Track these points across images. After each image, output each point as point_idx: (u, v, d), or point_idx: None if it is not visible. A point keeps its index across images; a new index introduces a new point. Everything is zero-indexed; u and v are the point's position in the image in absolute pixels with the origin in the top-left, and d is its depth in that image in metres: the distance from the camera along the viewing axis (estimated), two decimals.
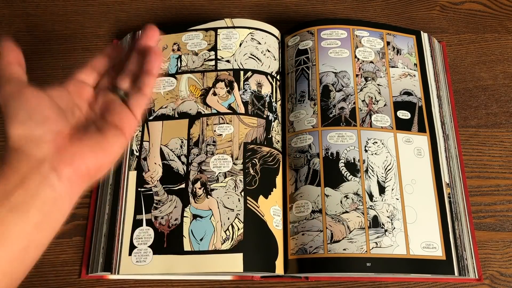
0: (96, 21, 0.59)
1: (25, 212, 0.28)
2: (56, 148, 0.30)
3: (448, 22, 0.60)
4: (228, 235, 0.44)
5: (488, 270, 0.47)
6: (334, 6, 0.61)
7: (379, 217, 0.45)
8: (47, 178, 0.29)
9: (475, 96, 0.56)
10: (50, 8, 0.60)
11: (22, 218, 0.28)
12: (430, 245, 0.45)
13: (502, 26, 0.60)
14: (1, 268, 0.26)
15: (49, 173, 0.29)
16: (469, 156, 0.52)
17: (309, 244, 0.45)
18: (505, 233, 0.49)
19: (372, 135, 0.49)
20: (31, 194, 0.28)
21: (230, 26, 0.53)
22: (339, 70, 0.52)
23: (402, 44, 0.55)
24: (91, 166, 0.31)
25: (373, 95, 0.51)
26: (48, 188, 0.29)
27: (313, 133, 0.49)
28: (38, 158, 0.29)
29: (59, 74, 0.56)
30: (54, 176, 0.29)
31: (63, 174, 0.30)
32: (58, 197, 0.29)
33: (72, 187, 0.30)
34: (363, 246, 0.44)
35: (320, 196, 0.46)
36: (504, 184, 0.51)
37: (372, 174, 0.47)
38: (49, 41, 0.58)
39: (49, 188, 0.29)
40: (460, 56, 0.58)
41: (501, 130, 0.54)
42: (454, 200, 0.48)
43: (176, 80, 0.51)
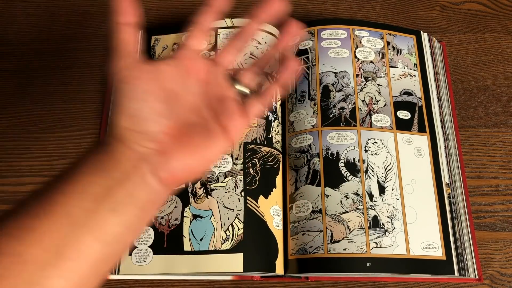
0: (96, 21, 0.59)
1: (123, 213, 0.26)
2: (159, 148, 0.28)
3: (448, 22, 0.60)
4: (228, 235, 0.44)
5: (488, 270, 0.47)
6: (334, 6, 0.61)
7: (379, 217, 0.45)
8: (145, 178, 0.27)
9: (475, 96, 0.56)
10: (50, 8, 0.60)
11: (120, 219, 0.26)
12: (430, 245, 0.45)
13: (502, 26, 0.60)
14: (92, 268, 0.25)
15: (148, 174, 0.27)
16: (469, 156, 0.52)
17: (309, 244, 0.45)
18: (505, 233, 0.49)
19: (372, 135, 0.49)
20: (129, 194, 0.26)
21: (230, 26, 0.53)
22: (339, 70, 0.52)
23: (402, 44, 0.55)
24: (187, 169, 0.28)
25: (373, 95, 0.51)
26: (145, 189, 0.27)
27: (313, 133, 0.49)
28: (140, 155, 0.27)
29: (59, 74, 0.56)
30: (151, 177, 0.27)
31: (160, 175, 0.27)
32: (152, 199, 0.27)
33: (165, 189, 0.28)
34: (363, 246, 0.44)
35: (320, 196, 0.46)
36: (504, 184, 0.51)
37: (372, 174, 0.47)
38: (49, 41, 0.58)
39: (146, 189, 0.27)
40: (460, 56, 0.58)
41: (501, 130, 0.54)
42: (454, 200, 0.48)
43: None
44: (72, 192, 0.25)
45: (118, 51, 0.28)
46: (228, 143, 0.30)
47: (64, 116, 0.54)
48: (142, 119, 0.27)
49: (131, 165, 0.27)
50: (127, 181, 0.26)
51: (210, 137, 0.29)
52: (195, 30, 0.32)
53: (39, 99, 0.54)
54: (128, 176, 0.26)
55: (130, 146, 0.27)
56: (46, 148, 0.52)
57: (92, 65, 0.56)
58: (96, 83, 0.55)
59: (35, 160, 0.51)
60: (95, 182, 0.26)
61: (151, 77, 0.28)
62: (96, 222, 0.25)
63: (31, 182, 0.50)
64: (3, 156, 0.52)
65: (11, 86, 0.55)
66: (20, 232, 0.24)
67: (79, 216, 0.25)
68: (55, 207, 0.25)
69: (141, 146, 0.27)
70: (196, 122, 0.30)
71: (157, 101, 0.28)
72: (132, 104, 0.27)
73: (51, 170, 0.51)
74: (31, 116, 0.54)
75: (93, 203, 0.25)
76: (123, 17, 0.29)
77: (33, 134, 0.53)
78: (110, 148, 0.27)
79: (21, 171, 0.51)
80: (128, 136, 0.27)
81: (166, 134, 0.28)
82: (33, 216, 0.24)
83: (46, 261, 0.23)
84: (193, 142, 0.29)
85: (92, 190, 0.26)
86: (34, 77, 0.56)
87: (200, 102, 0.30)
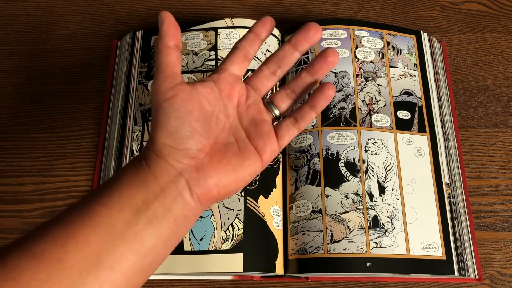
0: (96, 21, 0.59)
1: (159, 227, 0.27)
2: (195, 165, 0.29)
3: (448, 22, 0.60)
4: (228, 235, 0.44)
5: (488, 270, 0.47)
6: (334, 6, 0.61)
7: (379, 217, 0.45)
8: (182, 194, 0.28)
9: (475, 96, 0.56)
10: (50, 8, 0.60)
11: (156, 232, 0.27)
12: (430, 245, 0.45)
13: (502, 26, 0.60)
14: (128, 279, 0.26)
15: (184, 189, 0.28)
16: (469, 156, 0.52)
17: (309, 244, 0.45)
18: (505, 233, 0.49)
19: (372, 135, 0.49)
20: (167, 209, 0.27)
21: (230, 26, 0.53)
22: (339, 70, 0.52)
23: (402, 44, 0.55)
24: (221, 187, 0.29)
25: (373, 95, 0.51)
26: (181, 204, 0.28)
27: (313, 133, 0.49)
28: (178, 171, 0.28)
29: (59, 74, 0.56)
30: (187, 193, 0.28)
31: (195, 192, 0.28)
32: (186, 214, 0.28)
33: (199, 207, 0.29)
34: (363, 246, 0.44)
35: (320, 196, 0.46)
36: (504, 184, 0.51)
37: (372, 174, 0.47)
38: (49, 41, 0.58)
39: (182, 204, 0.28)
40: (460, 56, 0.58)
41: (501, 130, 0.54)
42: (454, 200, 0.48)
43: None
44: (112, 204, 0.26)
45: (163, 72, 0.30)
46: (260, 167, 0.31)
47: (64, 116, 0.54)
48: (182, 137, 0.29)
49: (169, 180, 0.28)
50: (164, 195, 0.27)
51: (244, 158, 0.30)
52: (237, 55, 0.33)
53: (39, 99, 0.54)
54: (165, 190, 0.28)
55: (169, 161, 0.28)
56: (46, 148, 0.52)
57: (92, 65, 0.56)
58: (96, 83, 0.55)
59: (35, 160, 0.51)
60: (134, 195, 0.27)
61: (191, 98, 0.30)
62: (134, 234, 0.26)
63: (31, 182, 0.50)
64: (3, 156, 0.52)
65: (11, 86, 0.55)
66: (64, 239, 0.25)
67: (118, 227, 0.26)
68: (96, 217, 0.26)
69: (179, 162, 0.28)
70: (232, 142, 0.31)
71: (196, 120, 0.29)
72: (173, 122, 0.29)
73: (51, 170, 0.51)
74: (31, 116, 0.54)
75: (131, 215, 0.26)
76: (169, 40, 0.30)
77: (33, 134, 0.53)
78: (149, 162, 0.28)
79: (21, 171, 0.51)
80: (167, 152, 0.28)
81: (203, 152, 0.29)
82: (75, 225, 0.25)
83: (86, 269, 0.24)
84: (228, 161, 0.30)
85: (131, 202, 0.27)
86: (34, 77, 0.56)
87: (236, 124, 0.32)
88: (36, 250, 0.24)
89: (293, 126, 0.33)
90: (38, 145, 0.52)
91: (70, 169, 0.51)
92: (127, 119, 0.51)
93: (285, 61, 0.33)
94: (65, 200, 0.50)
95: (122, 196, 0.27)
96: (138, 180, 0.28)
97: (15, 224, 0.49)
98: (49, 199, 0.50)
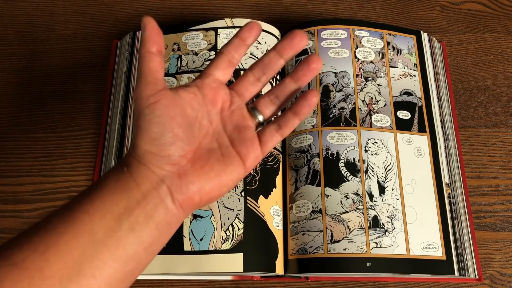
0: (96, 21, 0.59)
1: (141, 234, 0.27)
2: (178, 171, 0.29)
3: (448, 22, 0.60)
4: (228, 235, 0.44)
5: (488, 270, 0.47)
6: (334, 6, 0.61)
7: (379, 217, 0.45)
8: (164, 200, 0.28)
9: (475, 96, 0.56)
10: (50, 8, 0.60)
11: (138, 239, 0.27)
12: (430, 245, 0.45)
13: (502, 26, 0.60)
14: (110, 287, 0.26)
15: (166, 196, 0.28)
16: (469, 156, 0.52)
17: (309, 244, 0.45)
18: (505, 233, 0.49)
19: (372, 135, 0.49)
20: (149, 215, 0.27)
21: (230, 26, 0.53)
22: (339, 70, 0.52)
23: (402, 44, 0.55)
24: (203, 193, 0.29)
25: (373, 95, 0.51)
26: (162, 210, 0.28)
27: (313, 133, 0.49)
28: (160, 177, 0.28)
29: (59, 74, 0.56)
30: (169, 199, 0.28)
31: (177, 199, 0.28)
32: (168, 221, 0.28)
33: (181, 213, 0.29)
34: (363, 246, 0.44)
35: (320, 196, 0.46)
36: (504, 184, 0.51)
37: (372, 174, 0.47)
38: (49, 41, 0.58)
39: (164, 211, 0.28)
40: (460, 56, 0.58)
41: (501, 130, 0.54)
42: (454, 200, 0.48)
43: (176, 80, 0.51)
44: (94, 211, 0.26)
45: (145, 78, 0.30)
46: (243, 173, 0.31)
47: (64, 116, 0.54)
48: (164, 143, 0.28)
49: (150, 186, 0.28)
50: (145, 202, 0.27)
51: (227, 164, 0.30)
52: (221, 61, 0.33)
53: (39, 99, 0.54)
54: (147, 197, 0.28)
55: (150, 168, 0.28)
56: (46, 148, 0.52)
57: (92, 65, 0.56)
58: (96, 83, 0.55)
59: (35, 160, 0.51)
60: (116, 202, 0.27)
61: (173, 104, 0.29)
62: (116, 241, 0.26)
63: (31, 182, 0.50)
64: (3, 156, 0.52)
65: (11, 86, 0.55)
66: (44, 248, 0.24)
67: (100, 234, 0.26)
68: (78, 224, 0.26)
69: (161, 169, 0.28)
70: (215, 148, 0.31)
71: (178, 126, 0.29)
72: (155, 128, 0.28)
73: (51, 170, 0.51)
74: (31, 116, 0.54)
75: (113, 222, 0.26)
76: (151, 46, 0.30)
77: (33, 134, 0.53)
78: (131, 168, 0.28)
79: (21, 171, 0.51)
80: (149, 158, 0.28)
81: (185, 158, 0.29)
82: (57, 232, 0.25)
83: (67, 277, 0.24)
84: (211, 167, 0.30)
85: (113, 209, 0.27)
86: (34, 77, 0.56)
87: (219, 130, 0.32)
88: (16, 259, 0.24)
89: (277, 133, 0.32)
90: (38, 145, 0.52)
91: (70, 169, 0.51)
92: (127, 119, 0.51)
93: (270, 67, 0.33)
94: (65, 200, 0.50)
95: (104, 202, 0.27)
96: (120, 186, 0.27)
97: (15, 224, 0.49)
98: (49, 199, 0.50)
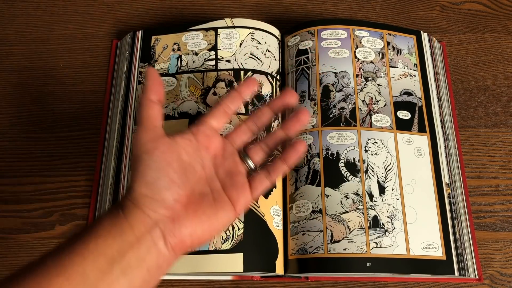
0: (96, 21, 0.59)
1: (133, 278, 0.27)
2: (171, 215, 0.29)
3: (448, 22, 0.60)
4: (228, 235, 0.44)
5: (488, 270, 0.47)
6: (334, 6, 0.61)
7: (379, 217, 0.45)
8: (156, 244, 0.29)
9: (475, 96, 0.56)
10: (50, 8, 0.60)
11: (129, 283, 0.27)
12: (430, 245, 0.45)
13: (502, 26, 0.60)
14: None
15: (159, 240, 0.29)
16: (469, 156, 0.52)
17: (309, 244, 0.45)
18: (505, 233, 0.49)
19: (372, 135, 0.49)
20: (141, 259, 0.28)
21: (230, 26, 0.53)
22: (339, 70, 0.52)
23: (402, 44, 0.55)
24: (195, 237, 0.30)
25: (373, 95, 0.51)
26: (155, 254, 0.28)
27: (313, 133, 0.49)
28: (154, 221, 0.29)
29: (59, 74, 0.56)
30: (162, 243, 0.29)
31: (169, 242, 0.29)
32: (160, 264, 0.29)
33: (172, 256, 0.30)
34: (363, 246, 0.44)
35: (320, 196, 0.46)
36: (504, 184, 0.51)
37: (372, 174, 0.47)
38: (49, 41, 0.58)
39: (156, 254, 0.28)
40: (460, 56, 0.58)
41: (501, 130, 0.54)
42: (454, 200, 0.48)
43: (176, 80, 0.52)
44: (88, 254, 0.27)
45: (144, 125, 0.31)
46: (233, 217, 0.32)
47: (64, 116, 0.54)
48: (159, 187, 0.29)
49: (144, 230, 0.28)
50: (138, 245, 0.28)
51: (218, 208, 0.31)
52: (217, 111, 0.35)
53: (39, 99, 0.54)
54: (140, 240, 0.28)
55: (145, 211, 0.29)
56: (46, 148, 0.52)
57: (92, 65, 0.56)
58: (96, 83, 0.55)
59: (35, 160, 0.51)
60: (109, 245, 0.27)
61: (170, 150, 0.31)
62: (108, 284, 0.26)
63: (31, 182, 0.50)
64: (3, 156, 0.52)
65: (11, 86, 0.55)
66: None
67: (92, 278, 0.26)
68: (71, 267, 0.26)
69: (156, 212, 0.29)
70: (207, 193, 0.32)
71: (173, 171, 0.30)
72: (151, 172, 0.30)
73: (51, 170, 0.51)
74: (31, 116, 0.54)
75: (106, 265, 0.27)
76: (152, 95, 0.32)
77: (33, 134, 0.53)
78: (126, 211, 0.29)
79: (21, 171, 0.51)
80: (144, 202, 0.29)
81: (179, 203, 0.30)
82: (50, 275, 0.26)
83: None
84: (203, 211, 0.31)
85: (106, 252, 0.27)
86: (34, 77, 0.56)
87: (212, 175, 0.33)
88: None
89: (266, 179, 0.34)
90: (38, 145, 0.52)
91: (70, 169, 0.51)
92: (127, 119, 0.51)
93: (261, 120, 0.37)
94: (65, 200, 0.50)
95: (98, 245, 0.27)
96: (115, 229, 0.28)
97: (15, 224, 0.49)
98: (49, 199, 0.50)
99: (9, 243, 0.48)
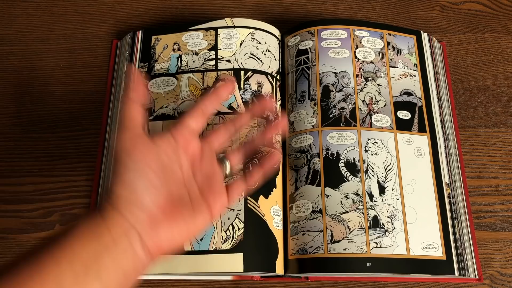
0: (96, 21, 0.59)
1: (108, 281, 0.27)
2: (149, 218, 0.29)
3: (448, 22, 0.60)
4: (228, 235, 0.44)
5: (488, 270, 0.47)
6: (334, 6, 0.61)
7: (379, 217, 0.45)
8: (133, 246, 0.28)
9: (475, 96, 0.56)
10: (50, 8, 0.60)
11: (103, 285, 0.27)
12: (430, 245, 0.45)
13: (502, 26, 0.60)
14: None
15: (136, 242, 0.28)
16: (469, 156, 0.52)
17: (309, 244, 0.45)
18: (505, 233, 0.49)
19: (372, 135, 0.49)
20: (116, 261, 0.27)
21: (231, 25, 0.53)
22: (339, 70, 0.52)
23: (402, 44, 0.55)
24: (171, 240, 0.30)
25: (373, 95, 0.51)
26: (131, 256, 0.28)
27: (313, 133, 0.49)
28: (131, 223, 0.28)
29: (59, 74, 0.56)
30: (139, 245, 0.28)
31: (146, 245, 0.29)
32: (135, 267, 0.28)
33: (149, 259, 0.29)
34: (363, 246, 0.44)
35: (320, 196, 0.46)
36: (504, 184, 0.51)
37: (372, 174, 0.47)
38: (49, 41, 0.58)
39: (132, 256, 0.28)
40: (460, 56, 0.58)
41: (501, 130, 0.54)
42: (454, 200, 0.48)
43: (177, 80, 0.52)
44: (62, 257, 0.26)
45: (124, 124, 0.31)
46: (209, 220, 0.32)
47: (64, 116, 0.54)
48: (137, 188, 0.29)
49: (121, 232, 0.28)
50: (115, 247, 0.27)
51: (195, 211, 0.31)
52: (195, 111, 0.35)
53: (39, 99, 0.54)
54: (117, 242, 0.28)
55: (123, 213, 0.29)
56: (47, 148, 0.52)
57: (92, 65, 0.56)
58: (96, 83, 0.55)
59: (36, 160, 0.51)
60: (85, 247, 0.27)
61: (149, 150, 0.31)
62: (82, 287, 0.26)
63: (31, 182, 0.50)
64: (3, 156, 0.52)
65: (11, 86, 0.55)
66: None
67: (67, 281, 0.25)
68: (45, 270, 0.25)
69: (133, 215, 0.29)
70: (185, 196, 0.32)
71: (152, 172, 0.30)
72: (130, 174, 0.29)
73: (51, 170, 0.51)
74: (31, 116, 0.54)
75: (81, 268, 0.26)
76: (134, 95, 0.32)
77: (34, 134, 0.53)
78: (104, 213, 0.29)
79: (22, 171, 0.51)
80: (122, 203, 0.29)
81: (157, 205, 0.30)
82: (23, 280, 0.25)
83: None
84: (181, 214, 0.31)
85: (82, 254, 0.27)
86: (34, 77, 0.56)
87: (189, 177, 0.33)
88: None
89: (243, 183, 0.35)
90: (38, 145, 0.52)
91: (71, 169, 0.51)
92: None
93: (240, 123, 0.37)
94: (65, 200, 0.50)
95: (74, 248, 0.27)
96: (92, 231, 0.28)
97: (15, 224, 0.49)
98: (49, 199, 0.50)
99: (9, 243, 0.48)
